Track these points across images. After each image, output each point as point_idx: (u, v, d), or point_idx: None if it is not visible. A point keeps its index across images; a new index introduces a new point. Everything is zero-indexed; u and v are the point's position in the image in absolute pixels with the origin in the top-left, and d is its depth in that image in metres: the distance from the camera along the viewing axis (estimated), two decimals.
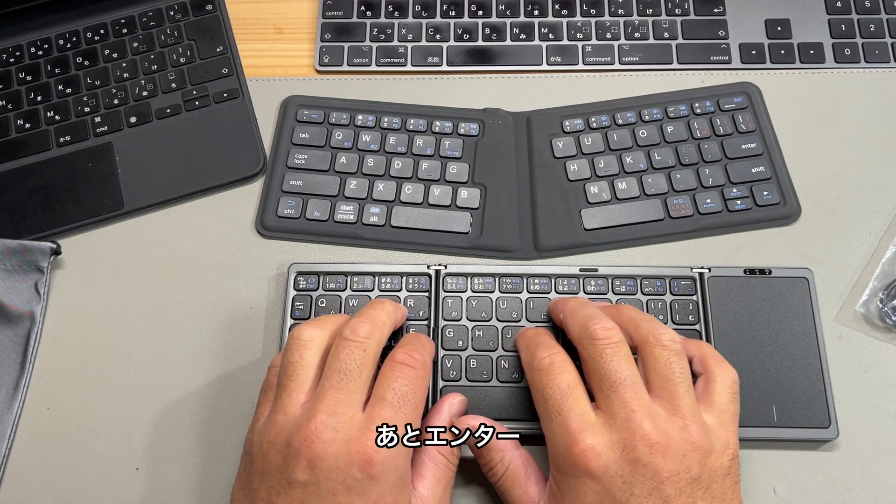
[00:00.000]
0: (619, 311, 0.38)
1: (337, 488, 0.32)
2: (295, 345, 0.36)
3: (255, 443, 0.35)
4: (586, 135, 0.50)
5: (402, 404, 0.34)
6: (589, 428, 0.33)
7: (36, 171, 0.51)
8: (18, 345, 0.46)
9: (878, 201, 0.48)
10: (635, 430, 0.33)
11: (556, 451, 0.34)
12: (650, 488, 0.32)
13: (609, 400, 0.34)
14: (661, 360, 0.35)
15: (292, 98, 0.52)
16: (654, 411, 0.33)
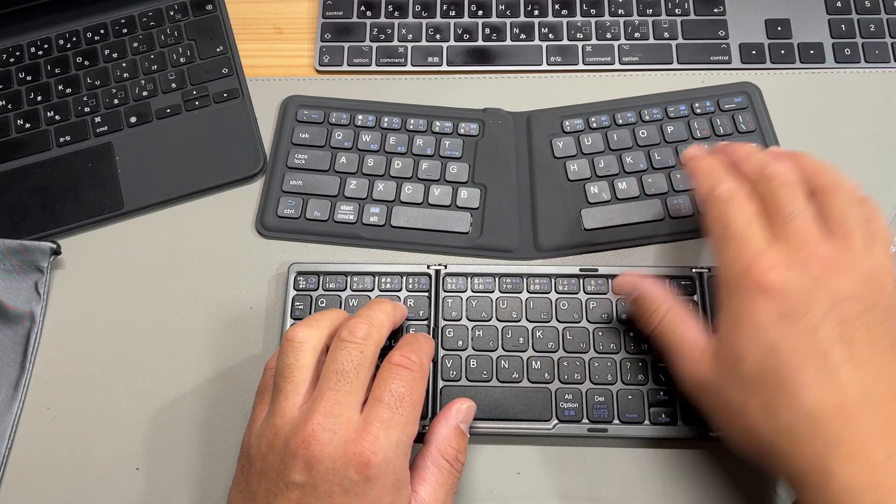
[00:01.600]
0: (798, 159, 0.38)
1: (334, 490, 0.32)
2: (290, 347, 0.36)
3: (253, 445, 0.35)
4: (586, 135, 0.50)
5: (399, 405, 0.34)
6: (767, 250, 0.34)
7: (36, 171, 0.51)
8: (18, 345, 0.46)
9: (878, 201, 0.48)
10: (812, 253, 0.33)
11: (731, 274, 0.35)
12: (829, 306, 0.32)
13: (786, 228, 0.34)
14: (841, 203, 0.35)
15: (292, 98, 0.52)
16: (830, 242, 0.34)
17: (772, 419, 0.32)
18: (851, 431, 0.31)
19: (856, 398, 0.31)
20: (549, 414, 0.42)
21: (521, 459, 0.42)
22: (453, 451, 0.36)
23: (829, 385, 0.31)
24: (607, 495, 0.41)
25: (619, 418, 0.42)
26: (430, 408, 0.42)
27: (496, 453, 0.42)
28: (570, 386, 0.42)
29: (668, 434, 0.41)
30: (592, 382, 0.42)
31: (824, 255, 0.33)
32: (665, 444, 0.42)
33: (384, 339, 0.37)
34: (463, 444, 0.37)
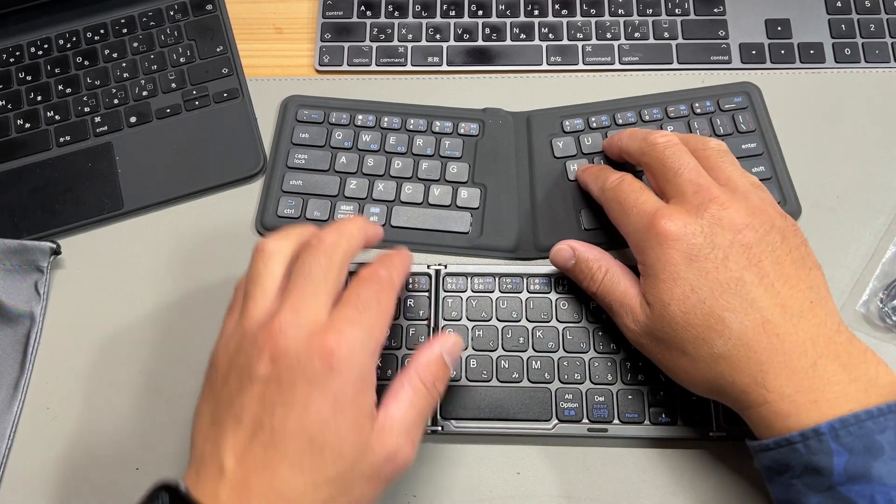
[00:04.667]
0: (671, 133, 0.42)
1: (297, 380, 0.31)
2: (260, 256, 0.36)
3: (220, 352, 0.34)
4: (586, 135, 0.50)
5: (367, 309, 0.33)
6: (663, 206, 0.38)
7: (36, 171, 0.51)
8: (18, 344, 0.46)
9: (878, 201, 0.48)
10: (704, 196, 0.37)
11: (638, 236, 0.38)
12: (730, 238, 0.35)
13: (677, 183, 0.38)
14: (713, 157, 0.39)
15: (292, 98, 0.52)
16: (719, 185, 0.37)
17: (708, 350, 0.35)
18: (777, 345, 0.33)
19: (777, 314, 0.34)
20: (549, 414, 0.42)
21: (521, 459, 0.42)
22: (431, 377, 0.35)
23: (750, 307, 0.34)
24: (607, 495, 0.41)
25: (619, 418, 0.42)
26: None
27: (496, 453, 0.42)
28: (570, 386, 0.42)
29: (668, 434, 0.41)
30: (592, 382, 0.42)
31: (716, 194, 0.37)
32: (665, 444, 0.42)
33: (355, 250, 0.37)
34: (442, 374, 0.36)
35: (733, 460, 0.41)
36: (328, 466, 0.31)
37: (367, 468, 0.32)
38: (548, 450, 0.42)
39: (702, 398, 0.42)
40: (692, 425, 0.41)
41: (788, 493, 0.33)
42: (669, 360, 0.37)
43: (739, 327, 0.34)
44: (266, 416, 0.31)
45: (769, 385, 0.33)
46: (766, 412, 0.34)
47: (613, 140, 0.46)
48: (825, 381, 0.33)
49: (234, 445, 0.31)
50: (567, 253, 0.42)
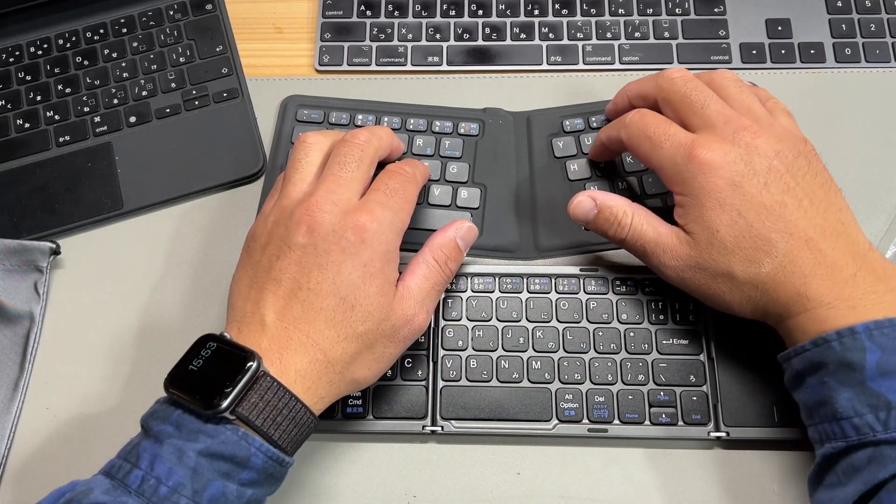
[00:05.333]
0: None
1: (332, 248, 0.35)
2: (301, 146, 0.40)
3: (259, 226, 0.38)
4: (586, 135, 0.50)
5: (394, 195, 0.38)
6: (697, 136, 0.38)
7: (35, 171, 0.51)
8: (18, 344, 0.46)
9: (878, 201, 0.48)
10: (736, 125, 0.38)
11: (675, 168, 0.38)
12: (766, 165, 0.37)
13: (704, 114, 0.39)
14: (730, 87, 0.40)
15: (292, 98, 0.52)
16: (743, 116, 0.38)
17: (756, 269, 0.36)
18: (820, 259, 0.35)
19: (817, 233, 0.36)
20: (549, 414, 0.42)
21: (521, 459, 0.42)
22: (443, 256, 0.39)
23: (795, 227, 0.36)
24: (607, 495, 0.41)
25: (619, 418, 0.42)
26: (431, 408, 0.42)
27: (496, 453, 0.42)
28: (570, 386, 0.42)
29: (668, 434, 0.41)
30: (592, 382, 0.42)
31: (746, 124, 0.38)
32: (665, 444, 0.42)
33: (383, 151, 0.41)
34: (455, 255, 0.40)
35: (733, 460, 0.41)
36: (357, 323, 0.35)
37: (389, 328, 0.36)
38: (548, 450, 0.42)
39: (701, 398, 0.42)
40: (692, 425, 0.41)
41: (820, 391, 0.34)
42: (714, 288, 0.38)
43: (786, 246, 0.36)
44: (303, 277, 0.35)
45: (811, 294, 0.35)
46: (805, 319, 0.35)
47: (620, 93, 0.46)
48: (863, 290, 0.34)
49: (275, 303, 0.35)
50: (588, 203, 0.41)
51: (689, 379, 0.42)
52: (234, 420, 0.32)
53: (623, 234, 0.40)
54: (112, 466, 0.32)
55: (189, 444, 0.31)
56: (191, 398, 0.32)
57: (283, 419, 0.33)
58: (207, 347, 0.34)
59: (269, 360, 0.33)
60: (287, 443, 0.33)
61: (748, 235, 0.36)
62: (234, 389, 0.31)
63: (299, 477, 0.42)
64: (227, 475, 0.32)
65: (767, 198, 0.36)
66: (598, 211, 0.41)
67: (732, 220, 0.36)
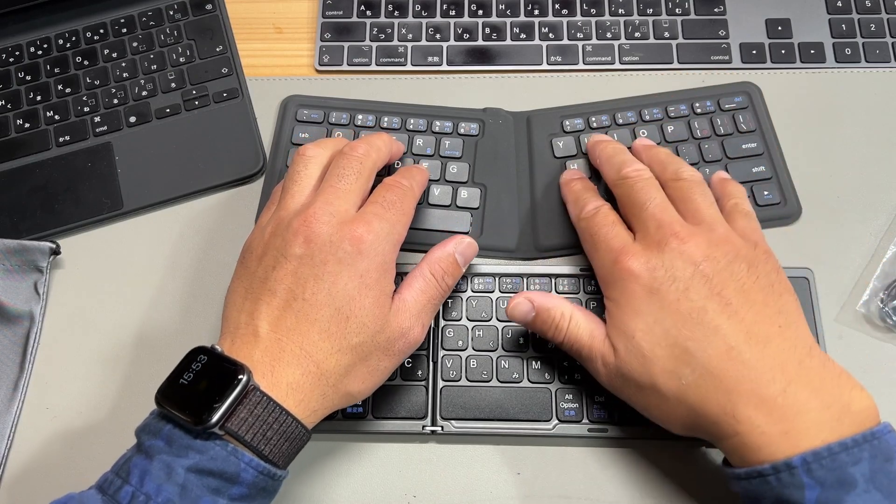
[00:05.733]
0: (651, 152, 0.44)
1: (328, 259, 0.35)
2: (300, 159, 0.40)
3: (256, 238, 0.38)
4: (586, 135, 0.50)
5: (391, 207, 0.38)
6: (629, 244, 0.38)
7: (35, 171, 0.51)
8: (18, 345, 0.46)
9: (878, 201, 0.48)
10: (666, 231, 0.37)
11: (604, 270, 0.39)
12: (691, 271, 0.36)
13: (641, 219, 0.39)
14: (684, 189, 0.40)
15: (292, 98, 0.52)
16: (682, 221, 0.38)
17: (676, 382, 0.35)
18: (744, 372, 0.33)
19: (741, 341, 0.34)
20: (549, 414, 0.42)
21: (521, 460, 0.42)
22: (441, 271, 0.39)
23: (713, 335, 0.34)
24: (607, 495, 0.41)
25: (620, 418, 0.42)
26: (431, 408, 0.42)
27: (496, 453, 0.42)
28: (570, 386, 0.42)
29: (668, 434, 0.41)
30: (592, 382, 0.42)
31: (677, 230, 0.37)
32: (665, 445, 0.42)
33: (382, 162, 0.41)
34: (452, 270, 0.39)
35: None
36: (352, 335, 0.35)
37: (384, 341, 0.36)
38: (548, 450, 0.42)
39: None
40: None
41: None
42: (642, 399, 0.37)
43: (703, 356, 0.34)
44: (299, 288, 0.35)
45: (739, 416, 0.33)
46: (737, 444, 0.33)
47: (595, 151, 0.46)
48: (796, 409, 0.32)
49: (269, 314, 0.35)
50: (525, 306, 0.40)
51: None
52: (224, 435, 0.32)
53: (560, 338, 0.39)
54: (105, 481, 0.32)
55: (178, 459, 0.31)
56: (181, 413, 0.32)
57: (273, 433, 0.32)
58: (198, 361, 0.33)
59: (260, 372, 0.33)
60: (278, 457, 0.33)
61: (664, 344, 0.35)
62: (222, 405, 0.31)
63: (299, 477, 0.42)
64: (216, 491, 0.31)
65: (686, 305, 0.35)
66: (535, 314, 0.40)
67: (648, 326, 0.35)
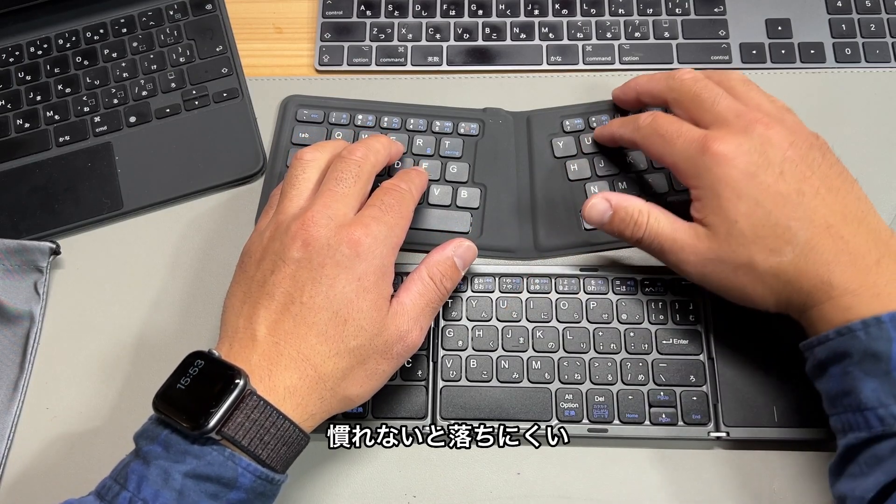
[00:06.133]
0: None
1: (326, 262, 0.35)
2: (298, 163, 0.40)
3: (254, 242, 0.38)
4: (586, 135, 0.50)
5: (389, 210, 0.38)
6: (710, 131, 0.38)
7: (35, 171, 0.51)
8: (17, 345, 0.46)
9: (878, 201, 0.47)
10: (748, 118, 0.38)
11: (689, 162, 0.39)
12: (781, 155, 0.37)
13: (715, 110, 0.39)
14: (738, 87, 0.41)
15: (292, 98, 0.52)
16: (755, 110, 0.39)
17: (777, 258, 0.36)
18: (842, 246, 0.35)
19: (837, 220, 0.36)
20: (549, 414, 0.42)
21: (521, 459, 0.42)
22: (439, 274, 0.39)
23: (814, 213, 0.36)
24: (607, 495, 0.41)
25: (619, 418, 0.42)
26: (431, 408, 0.42)
27: (496, 453, 0.42)
28: (570, 386, 0.42)
29: (669, 434, 0.41)
30: (592, 382, 0.42)
31: (758, 117, 0.38)
32: (665, 444, 0.42)
33: (380, 165, 0.41)
34: (451, 274, 0.39)
35: (733, 460, 0.41)
36: (349, 338, 0.35)
37: (382, 344, 0.36)
38: (548, 450, 0.42)
39: (701, 398, 0.42)
40: (692, 425, 0.41)
41: (844, 381, 0.34)
42: (736, 280, 0.37)
43: (806, 234, 0.35)
44: (297, 291, 0.35)
45: (835, 282, 0.35)
46: (828, 308, 0.35)
47: (629, 85, 0.47)
48: (887, 277, 0.34)
49: (267, 318, 0.35)
50: (603, 205, 0.41)
51: (689, 379, 0.42)
52: (222, 440, 0.32)
53: (640, 234, 0.40)
54: (103, 487, 0.32)
55: (176, 465, 0.31)
56: (178, 418, 0.32)
57: (270, 438, 0.32)
58: (195, 365, 0.33)
59: (258, 376, 0.33)
60: (276, 461, 0.33)
61: (767, 224, 0.36)
62: (219, 409, 0.31)
63: (299, 477, 0.42)
64: (214, 496, 0.31)
65: (784, 187, 0.36)
66: (613, 212, 0.41)
67: (750, 209, 0.36)
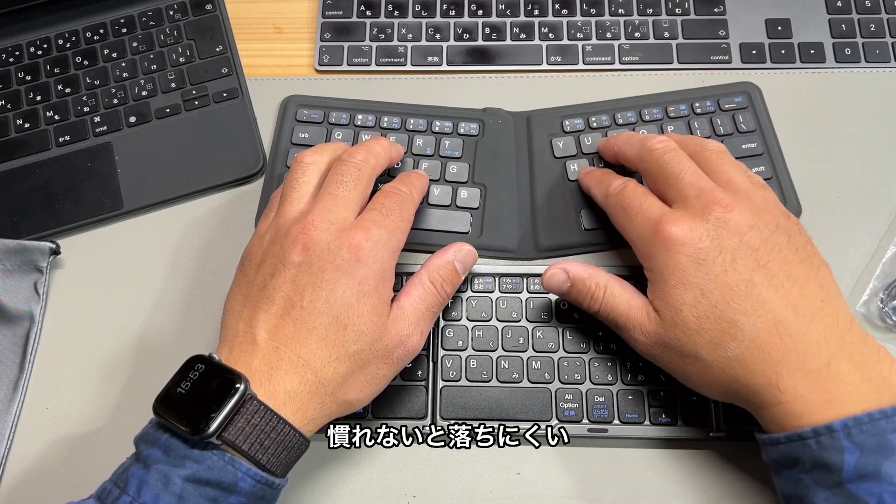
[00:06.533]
0: (668, 136, 0.42)
1: (326, 266, 0.35)
2: (298, 166, 0.40)
3: (254, 246, 0.38)
4: (586, 135, 0.50)
5: (390, 214, 0.38)
6: (668, 211, 0.37)
7: (35, 171, 0.51)
8: (17, 345, 0.46)
9: (878, 201, 0.48)
10: (708, 199, 0.36)
11: (643, 241, 0.38)
12: (737, 241, 0.35)
13: (678, 188, 0.38)
14: (713, 159, 0.39)
15: (292, 98, 0.52)
16: (721, 188, 0.37)
17: (722, 353, 0.35)
18: (791, 345, 0.33)
19: (789, 315, 0.34)
20: (549, 414, 0.42)
21: (521, 459, 0.42)
22: (440, 278, 0.39)
23: (762, 308, 0.34)
24: (607, 495, 0.41)
25: (619, 418, 0.42)
26: (431, 408, 0.42)
27: (496, 453, 0.42)
28: (570, 386, 0.42)
29: (668, 434, 0.41)
30: (592, 382, 0.42)
31: (719, 197, 0.36)
32: (665, 444, 0.42)
33: (380, 168, 0.41)
34: (451, 278, 0.39)
35: (733, 460, 0.41)
36: (350, 343, 0.35)
37: (382, 349, 0.36)
38: (548, 450, 0.42)
39: (701, 398, 0.42)
40: (692, 425, 0.41)
41: (796, 487, 0.33)
42: (683, 368, 0.37)
43: (752, 330, 0.34)
44: (297, 296, 0.35)
45: (783, 386, 0.33)
46: (779, 412, 0.34)
47: (609, 143, 0.46)
48: (838, 381, 0.33)
49: (267, 322, 0.35)
50: (561, 276, 0.40)
51: None
52: (222, 445, 0.32)
53: (596, 307, 0.39)
54: (103, 491, 0.32)
55: (176, 469, 0.31)
56: (178, 422, 0.32)
57: (270, 443, 0.32)
58: (196, 369, 0.33)
59: (258, 381, 0.33)
60: (276, 466, 0.33)
61: (712, 317, 0.35)
62: (220, 414, 0.31)
63: (299, 478, 0.42)
64: (214, 501, 0.31)
65: (734, 277, 0.34)
66: (570, 284, 0.40)
67: (695, 299, 0.35)
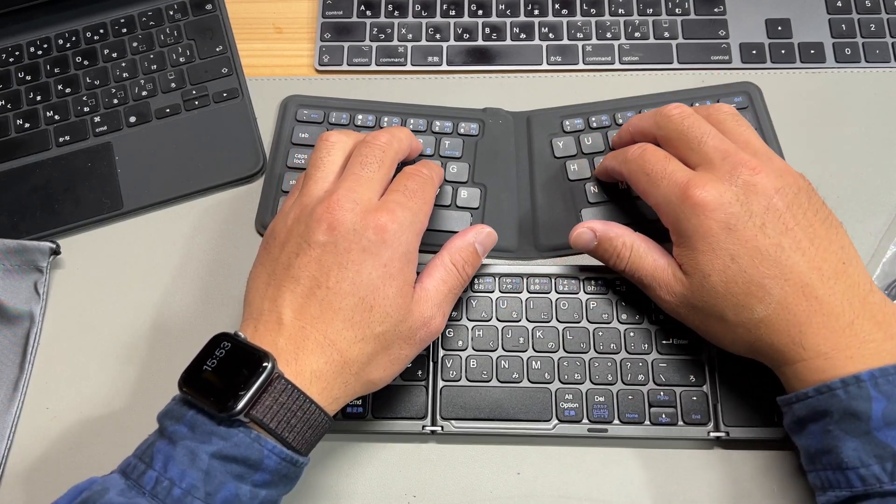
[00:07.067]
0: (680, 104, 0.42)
1: (352, 247, 0.35)
2: (324, 145, 0.40)
3: (279, 223, 0.38)
4: (586, 135, 0.50)
5: (413, 195, 0.38)
6: (694, 175, 0.37)
7: (35, 171, 0.51)
8: (17, 345, 0.46)
9: (878, 201, 0.48)
10: (734, 161, 0.36)
11: (670, 207, 0.38)
12: (765, 204, 0.35)
13: (702, 151, 0.38)
14: (727, 123, 0.39)
15: (292, 98, 0.52)
16: (743, 151, 0.37)
17: (748, 315, 0.36)
18: (816, 307, 0.34)
19: (814, 278, 0.35)
20: (549, 414, 0.42)
21: (521, 459, 0.42)
22: (461, 260, 0.39)
23: (790, 272, 0.35)
24: (607, 495, 0.41)
25: (619, 418, 0.42)
26: (431, 408, 0.42)
27: (496, 453, 0.42)
28: (570, 386, 0.42)
29: (669, 434, 0.41)
30: (592, 382, 0.42)
31: (745, 160, 0.36)
32: (665, 444, 0.42)
33: (402, 153, 0.41)
34: (472, 259, 0.40)
35: (733, 460, 0.41)
36: (375, 324, 0.35)
37: (406, 330, 0.36)
38: (548, 450, 0.42)
39: (701, 398, 0.42)
40: (692, 425, 0.41)
41: (823, 439, 0.34)
42: (707, 327, 0.38)
43: (780, 293, 0.35)
44: (322, 276, 0.35)
45: (807, 344, 0.34)
46: (802, 368, 0.35)
47: (623, 129, 0.46)
48: (861, 338, 0.34)
49: (293, 301, 0.35)
50: (588, 235, 0.41)
51: (689, 379, 0.42)
52: (248, 422, 0.32)
53: (622, 266, 0.40)
54: (128, 465, 0.32)
55: (202, 445, 0.31)
56: (204, 399, 0.32)
57: (297, 421, 0.32)
58: (222, 347, 0.33)
59: (284, 360, 0.33)
60: (301, 444, 0.33)
61: (740, 281, 0.35)
62: (247, 392, 0.31)
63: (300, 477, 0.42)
64: (240, 477, 0.31)
65: (763, 241, 0.35)
66: (597, 243, 0.41)
67: (725, 265, 0.36)
